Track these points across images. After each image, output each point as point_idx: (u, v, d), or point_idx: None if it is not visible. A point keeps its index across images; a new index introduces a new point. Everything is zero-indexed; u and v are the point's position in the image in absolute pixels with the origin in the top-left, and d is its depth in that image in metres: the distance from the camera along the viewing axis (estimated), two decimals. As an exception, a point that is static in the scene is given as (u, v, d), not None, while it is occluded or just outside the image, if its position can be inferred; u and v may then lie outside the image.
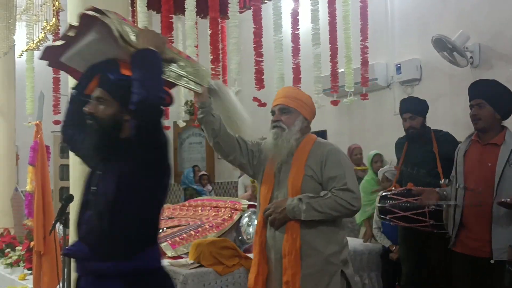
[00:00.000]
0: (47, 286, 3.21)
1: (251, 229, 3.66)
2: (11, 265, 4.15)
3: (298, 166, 2.41)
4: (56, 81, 5.19)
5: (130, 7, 3.72)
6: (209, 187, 8.04)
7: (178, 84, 1.97)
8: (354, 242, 4.45)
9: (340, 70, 4.66)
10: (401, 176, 3.68)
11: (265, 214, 2.41)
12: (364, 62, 4.60)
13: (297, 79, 4.57)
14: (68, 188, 5.12)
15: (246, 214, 3.73)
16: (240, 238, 3.67)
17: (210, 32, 4.08)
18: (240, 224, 3.71)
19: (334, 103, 4.73)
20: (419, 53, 5.35)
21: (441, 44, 4.65)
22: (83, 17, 1.88)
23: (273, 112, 2.53)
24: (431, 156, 3.53)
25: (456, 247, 3.00)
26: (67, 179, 5.90)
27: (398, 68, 5.43)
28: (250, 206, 3.86)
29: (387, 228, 4.11)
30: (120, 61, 1.87)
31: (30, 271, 3.73)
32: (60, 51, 1.98)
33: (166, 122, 6.02)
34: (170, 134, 6.86)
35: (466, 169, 2.94)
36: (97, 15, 1.83)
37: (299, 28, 4.73)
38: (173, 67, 1.96)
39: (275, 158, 2.44)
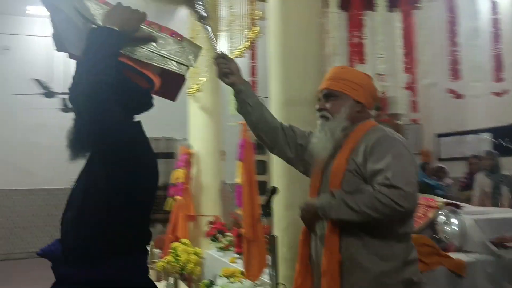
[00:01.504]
0: (256, 269, 3.54)
1: (448, 228, 3.55)
2: (222, 249, 4.68)
3: (340, 160, 1.95)
4: (252, 84, 5.67)
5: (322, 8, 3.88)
6: (449, 181, 7.17)
7: (159, 66, 1.69)
8: None
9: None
10: None
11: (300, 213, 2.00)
12: None
13: (498, 67, 4.25)
14: (263, 181, 5.56)
15: (442, 212, 3.62)
16: (436, 236, 3.58)
17: (402, 25, 4.03)
18: (436, 223, 3.62)
19: (544, 91, 4.29)
20: None
21: None
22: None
23: (319, 100, 2.10)
24: None
25: None
26: (263, 173, 6.38)
27: None
28: (447, 204, 3.74)
29: None
30: None
31: (239, 255, 4.16)
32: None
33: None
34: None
35: None
36: None
37: (498, 13, 4.40)
38: (152, 47, 1.68)
39: (320, 153, 2.02)
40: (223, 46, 4.75)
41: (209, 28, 2.07)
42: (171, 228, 5.29)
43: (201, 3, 2.02)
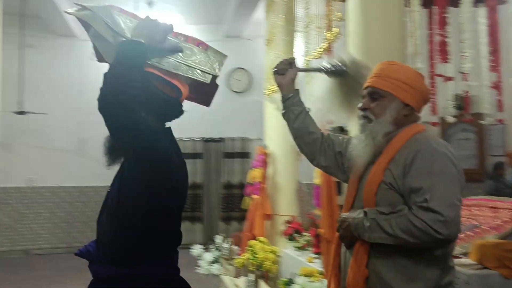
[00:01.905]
0: (335, 270, 3.54)
1: (538, 233, 3.39)
2: (299, 248, 4.72)
3: (377, 170, 1.76)
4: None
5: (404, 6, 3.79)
6: None
7: (186, 76, 1.75)
8: None
9: None
10: None
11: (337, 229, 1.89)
12: None
13: None
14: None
15: (531, 217, 3.46)
16: (523, 242, 3.42)
17: (487, 22, 3.87)
18: (524, 228, 3.47)
19: None
20: None
21: None
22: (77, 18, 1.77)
23: (363, 97, 1.90)
24: None
25: None
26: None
27: None
28: (540, 207, 3.57)
29: None
30: None
31: (317, 255, 4.18)
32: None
33: (434, 118, 5.87)
34: (436, 130, 6.67)
35: None
36: (74, 13, 1.74)
37: None
38: (178, 57, 1.74)
39: (358, 158, 1.85)
40: (299, 47, 4.79)
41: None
42: (248, 226, 5.40)
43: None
